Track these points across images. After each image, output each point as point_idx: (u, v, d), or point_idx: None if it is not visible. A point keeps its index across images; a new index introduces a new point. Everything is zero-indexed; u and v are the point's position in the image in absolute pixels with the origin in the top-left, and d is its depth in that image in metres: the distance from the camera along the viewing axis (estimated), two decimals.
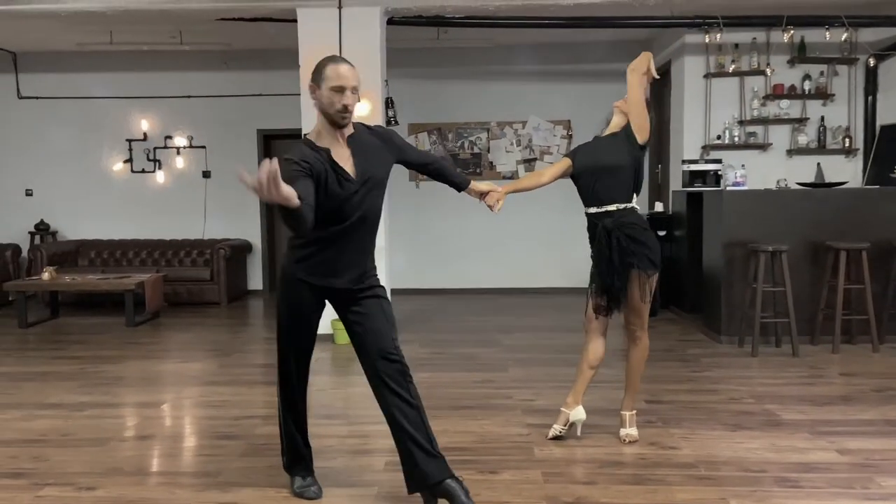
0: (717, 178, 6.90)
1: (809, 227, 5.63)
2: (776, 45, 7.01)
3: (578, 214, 3.67)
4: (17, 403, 4.39)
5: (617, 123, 3.55)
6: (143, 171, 8.89)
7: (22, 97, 8.69)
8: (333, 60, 2.65)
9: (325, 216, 2.57)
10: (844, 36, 6.66)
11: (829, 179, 6.78)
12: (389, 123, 6.42)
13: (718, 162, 7.01)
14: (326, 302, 2.85)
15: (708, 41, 6.80)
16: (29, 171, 8.91)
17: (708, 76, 7.24)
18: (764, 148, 7.31)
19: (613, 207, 3.43)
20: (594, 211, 3.49)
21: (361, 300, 2.78)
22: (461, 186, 3.18)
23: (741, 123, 7.29)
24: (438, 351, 5.68)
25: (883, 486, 3.01)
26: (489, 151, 8.75)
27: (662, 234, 6.94)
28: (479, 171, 8.67)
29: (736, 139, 7.27)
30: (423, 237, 8.69)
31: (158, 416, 4.19)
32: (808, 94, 7.18)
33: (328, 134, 2.67)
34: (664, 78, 5.06)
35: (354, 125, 2.74)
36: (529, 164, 8.71)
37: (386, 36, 6.25)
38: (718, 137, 7.27)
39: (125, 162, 8.88)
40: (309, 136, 2.72)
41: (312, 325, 2.87)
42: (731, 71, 7.10)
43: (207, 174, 8.90)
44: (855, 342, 5.63)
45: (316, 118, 2.72)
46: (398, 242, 7.83)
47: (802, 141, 7.24)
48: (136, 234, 8.85)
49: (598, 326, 3.56)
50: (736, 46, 7.11)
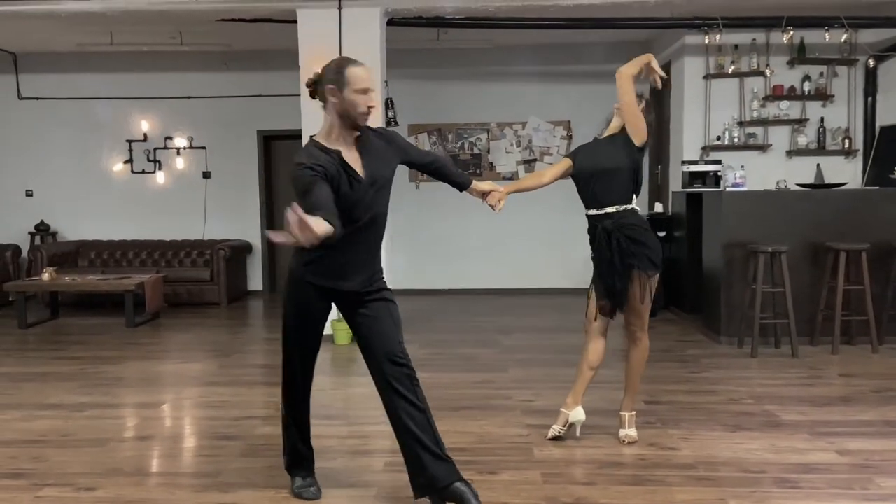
0: (716, 178, 6.91)
1: (809, 227, 5.63)
2: (776, 45, 7.01)
3: (579, 215, 3.67)
4: (16, 404, 4.40)
5: (616, 125, 3.55)
6: (143, 171, 8.90)
7: (22, 98, 8.69)
8: (351, 62, 2.64)
9: None
10: (844, 37, 6.66)
11: (828, 180, 6.79)
12: (389, 124, 6.42)
13: (718, 163, 7.02)
14: (333, 304, 2.84)
15: (708, 42, 6.81)
16: (29, 171, 8.92)
17: (707, 77, 7.25)
18: (763, 149, 7.31)
19: (613, 209, 3.44)
20: (594, 213, 3.50)
21: (369, 303, 2.77)
22: (463, 186, 3.18)
23: (741, 124, 7.29)
24: (438, 351, 5.68)
25: (882, 486, 3.01)
26: (489, 152, 8.75)
27: (662, 234, 6.94)
28: (479, 171, 8.66)
29: (735, 140, 7.27)
30: (423, 237, 8.68)
31: (158, 416, 4.19)
32: (807, 95, 7.18)
33: (339, 135, 2.66)
34: (664, 78, 5.06)
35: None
36: (529, 164, 8.71)
37: (386, 37, 6.25)
38: (718, 138, 7.28)
39: (125, 162, 8.89)
40: (317, 137, 2.69)
41: (318, 327, 2.86)
42: (730, 72, 7.10)
43: (207, 175, 8.91)
44: (854, 343, 5.63)
45: (324, 119, 2.69)
46: (398, 242, 7.82)
47: (802, 142, 7.25)
48: (136, 234, 8.85)
49: (598, 327, 3.56)
50: (736, 47, 7.11)
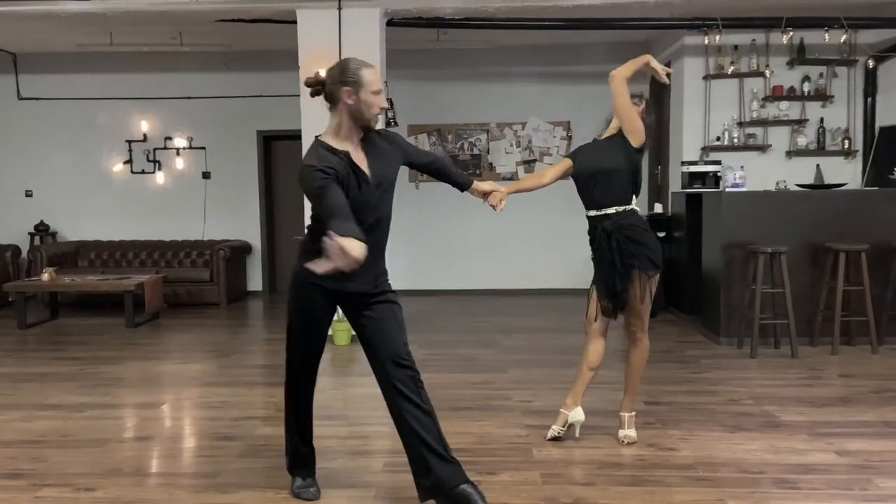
0: (716, 179, 6.92)
1: (809, 228, 5.63)
2: (775, 46, 7.02)
3: (579, 215, 3.67)
4: (16, 404, 4.40)
5: (616, 126, 3.54)
6: (142, 172, 8.90)
7: (22, 98, 8.69)
8: (363, 64, 2.63)
9: None
10: (844, 37, 6.66)
11: (828, 181, 6.80)
12: (389, 125, 6.42)
13: (718, 163, 7.03)
14: (337, 306, 2.83)
15: (707, 43, 6.81)
16: (29, 171, 8.92)
17: (707, 78, 7.25)
18: (763, 149, 7.31)
19: (612, 210, 3.44)
20: (594, 214, 3.50)
21: (373, 304, 2.76)
22: (464, 186, 3.18)
23: (740, 125, 7.29)
24: (438, 352, 5.68)
25: (881, 487, 3.01)
26: (489, 152, 8.76)
27: (662, 235, 6.94)
28: (478, 172, 8.66)
29: (735, 140, 7.27)
30: (422, 238, 8.69)
31: (158, 417, 4.19)
32: (807, 95, 7.19)
33: (347, 136, 2.65)
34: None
35: None
36: (529, 165, 8.71)
37: (385, 37, 6.25)
38: (718, 139, 7.28)
39: (125, 163, 8.89)
40: (323, 138, 2.67)
41: (323, 328, 2.86)
42: (730, 72, 7.10)
43: (207, 175, 8.91)
44: (854, 344, 5.63)
45: (330, 120, 2.67)
46: (398, 243, 7.81)
47: (802, 142, 7.25)
48: (135, 235, 8.86)
49: (598, 328, 3.56)
50: (735, 48, 7.11)
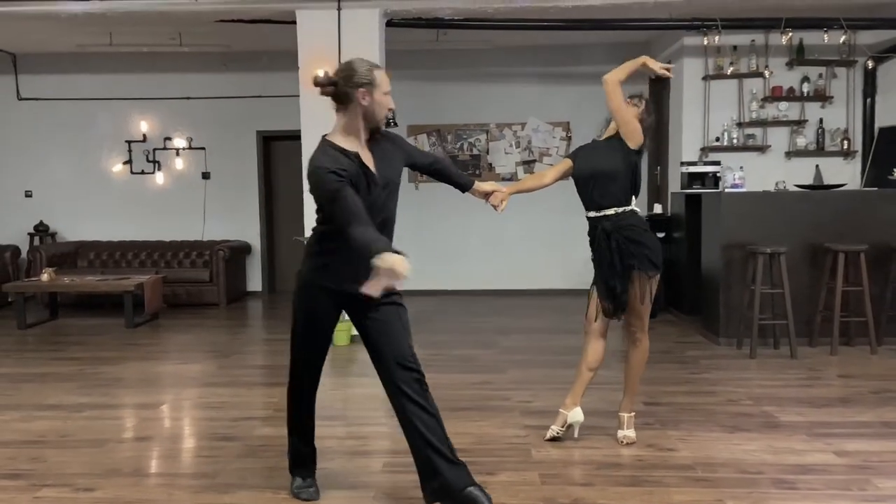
0: (715, 179, 6.92)
1: (808, 229, 5.63)
2: (775, 47, 7.02)
3: (579, 216, 3.68)
4: (15, 404, 4.40)
5: (616, 127, 3.55)
6: (142, 172, 8.90)
7: (22, 98, 8.69)
8: (374, 65, 2.65)
9: None
10: (843, 38, 6.66)
11: (827, 181, 6.80)
12: (389, 125, 6.37)
13: (717, 164, 7.03)
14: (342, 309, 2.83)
15: (706, 43, 6.81)
16: (28, 172, 8.92)
17: (706, 78, 7.25)
18: (762, 150, 7.32)
19: (612, 211, 3.44)
20: (594, 215, 3.50)
21: (379, 306, 2.74)
22: (465, 187, 3.18)
23: (740, 125, 7.29)
24: (437, 352, 5.67)
25: (880, 487, 3.02)
26: (488, 153, 8.76)
27: (661, 235, 6.94)
28: (478, 172, 8.67)
29: (734, 141, 7.28)
30: (422, 238, 8.68)
31: (157, 417, 4.19)
32: (806, 96, 7.19)
33: (356, 138, 2.65)
34: (663, 80, 5.07)
35: None
36: (529, 165, 8.72)
37: (385, 38, 6.26)
38: (717, 139, 7.28)
39: (125, 163, 8.89)
40: (331, 138, 2.66)
41: (327, 331, 2.86)
42: (729, 73, 7.10)
43: (207, 175, 8.91)
44: (853, 344, 5.63)
45: (339, 120, 2.66)
46: (398, 243, 7.81)
47: (801, 143, 7.25)
48: (135, 235, 8.85)
49: (597, 328, 3.56)
50: (734, 48, 7.11)
